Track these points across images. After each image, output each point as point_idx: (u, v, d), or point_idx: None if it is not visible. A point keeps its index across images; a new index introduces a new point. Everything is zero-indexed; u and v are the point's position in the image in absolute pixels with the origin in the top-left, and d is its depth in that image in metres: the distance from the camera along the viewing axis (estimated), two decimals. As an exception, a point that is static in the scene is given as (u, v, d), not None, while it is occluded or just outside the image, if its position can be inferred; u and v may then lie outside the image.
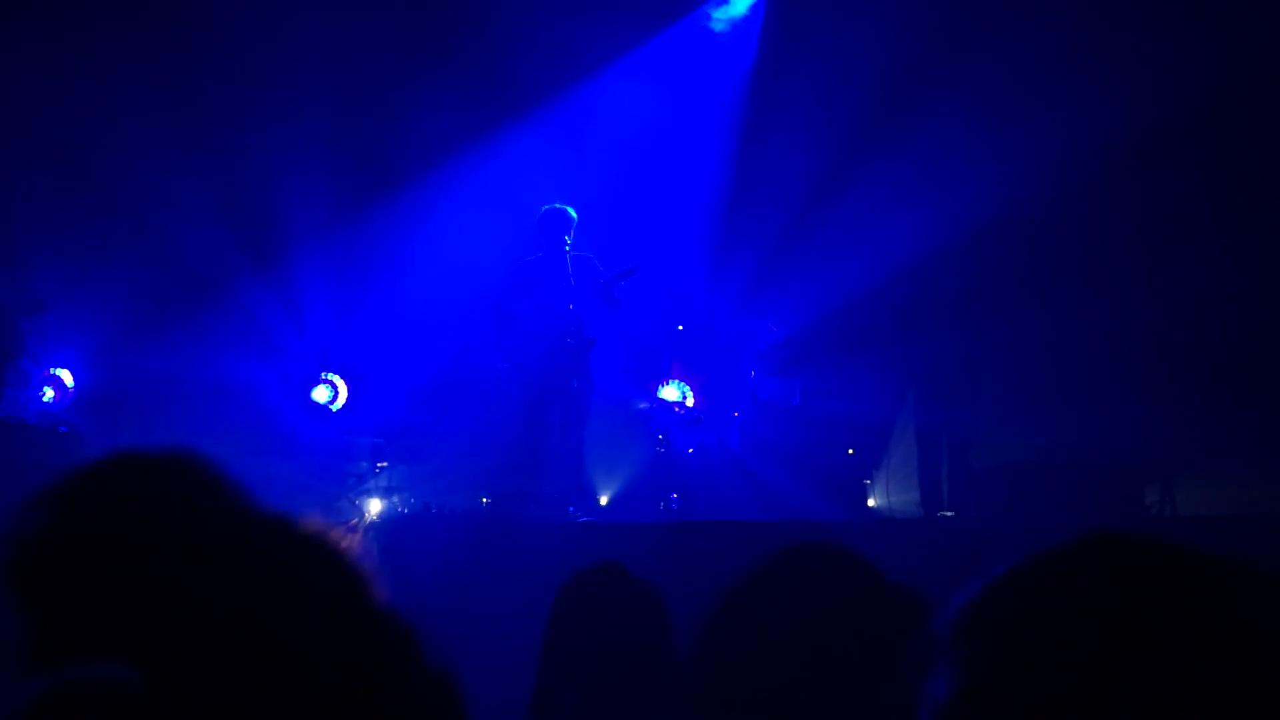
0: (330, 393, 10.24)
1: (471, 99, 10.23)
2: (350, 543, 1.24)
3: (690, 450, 8.98)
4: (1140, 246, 9.82)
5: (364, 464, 9.48)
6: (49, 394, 9.74)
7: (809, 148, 10.46)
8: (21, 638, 1.15)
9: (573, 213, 8.61)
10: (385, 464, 9.46)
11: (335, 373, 10.31)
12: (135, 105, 9.74)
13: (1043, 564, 1.08)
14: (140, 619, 1.14)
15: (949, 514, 8.34)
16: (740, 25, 10.94)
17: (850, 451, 9.18)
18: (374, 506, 9.00)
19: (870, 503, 9.53)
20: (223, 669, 1.12)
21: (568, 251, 8.53)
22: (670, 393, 8.91)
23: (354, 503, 9.01)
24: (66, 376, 9.84)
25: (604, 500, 9.66)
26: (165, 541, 1.17)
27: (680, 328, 9.62)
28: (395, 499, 9.14)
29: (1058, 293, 9.75)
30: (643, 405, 9.42)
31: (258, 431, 9.58)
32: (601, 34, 10.37)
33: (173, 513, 1.19)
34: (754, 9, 10.88)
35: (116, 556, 1.16)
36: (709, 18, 10.95)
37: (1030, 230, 9.88)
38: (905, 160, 10.51)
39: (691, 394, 9.02)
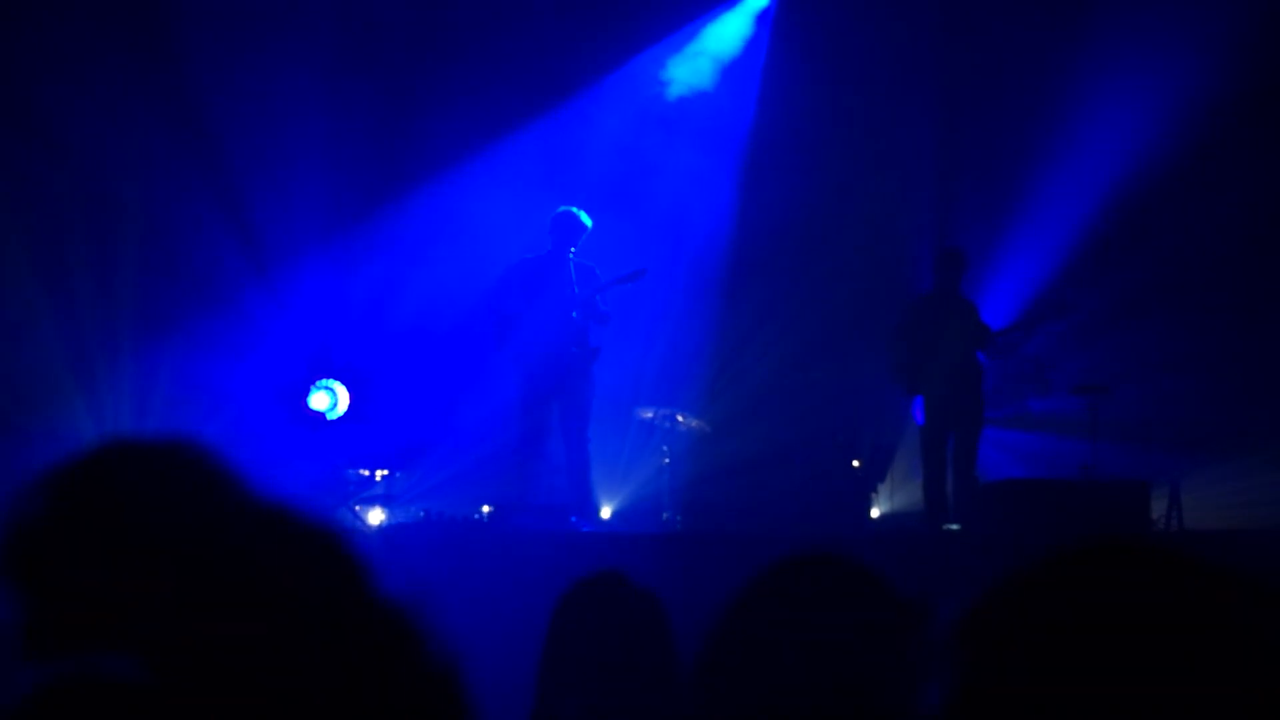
0: (330, 399, 9.89)
1: (479, 101, 10.20)
2: (350, 534, 1.23)
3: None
4: (1151, 264, 9.85)
5: (363, 471, 9.44)
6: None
7: (823, 151, 10.46)
8: (17, 628, 1.15)
9: (587, 219, 8.27)
10: (386, 472, 9.41)
11: (336, 378, 9.99)
12: (133, 107, 9.74)
13: (1041, 568, 1.08)
14: (138, 608, 1.13)
15: (954, 528, 8.33)
16: (750, 41, 10.96)
17: (856, 464, 9.17)
18: (374, 514, 8.97)
19: (874, 515, 9.53)
20: (222, 657, 1.12)
21: (572, 257, 8.29)
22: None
23: (354, 510, 8.99)
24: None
25: (606, 512, 9.65)
26: (163, 529, 1.17)
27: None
28: (395, 507, 9.12)
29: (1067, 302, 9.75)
30: (647, 415, 9.39)
31: (249, 437, 9.45)
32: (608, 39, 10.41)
33: (171, 499, 1.18)
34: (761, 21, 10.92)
35: (114, 544, 1.15)
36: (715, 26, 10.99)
37: (1039, 241, 9.91)
38: (916, 164, 10.55)
39: None
